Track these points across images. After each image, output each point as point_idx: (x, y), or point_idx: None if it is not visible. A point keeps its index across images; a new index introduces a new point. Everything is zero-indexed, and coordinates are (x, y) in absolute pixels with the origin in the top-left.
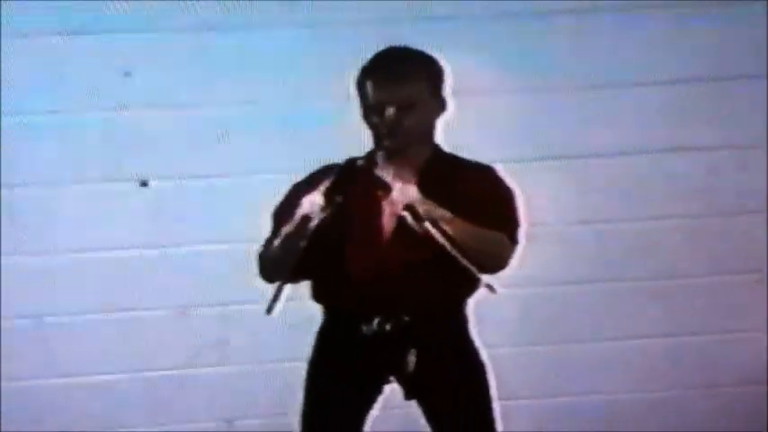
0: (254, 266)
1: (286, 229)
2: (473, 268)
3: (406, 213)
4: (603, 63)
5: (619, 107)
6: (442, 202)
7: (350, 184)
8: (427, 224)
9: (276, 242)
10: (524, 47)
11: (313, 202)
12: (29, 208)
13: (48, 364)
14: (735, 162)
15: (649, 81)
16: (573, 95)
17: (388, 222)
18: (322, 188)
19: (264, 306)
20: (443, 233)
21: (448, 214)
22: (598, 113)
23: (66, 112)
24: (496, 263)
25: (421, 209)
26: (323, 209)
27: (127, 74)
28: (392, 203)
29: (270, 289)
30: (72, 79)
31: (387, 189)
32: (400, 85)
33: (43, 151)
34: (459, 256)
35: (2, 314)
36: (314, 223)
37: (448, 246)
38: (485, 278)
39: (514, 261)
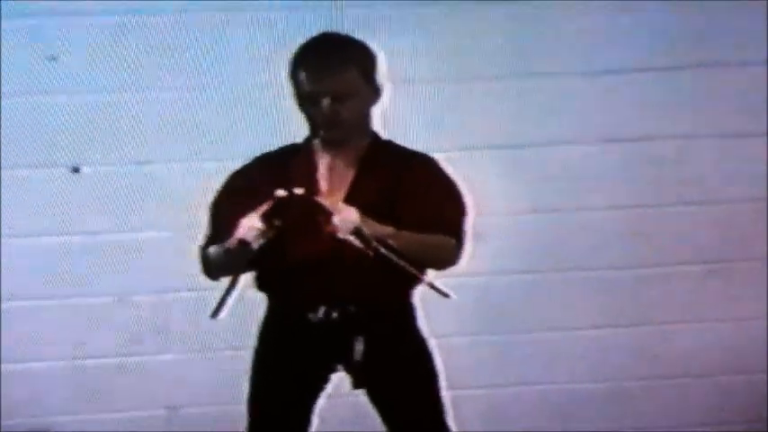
0: (193, 253)
1: (225, 246)
2: (423, 277)
3: (352, 237)
4: (548, 49)
5: (561, 94)
6: (382, 193)
7: (289, 208)
8: (375, 244)
9: (216, 253)
10: (465, 31)
11: (251, 227)
12: None
13: None
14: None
15: (591, 70)
16: (516, 82)
17: (329, 245)
18: (260, 212)
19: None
20: (390, 249)
21: (391, 230)
22: (540, 101)
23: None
24: (444, 265)
25: (367, 230)
26: (262, 234)
27: (52, 58)
28: (334, 229)
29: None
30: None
31: (327, 214)
32: (334, 76)
33: None
34: (407, 266)
35: None
36: (253, 247)
37: (395, 259)
38: (434, 280)
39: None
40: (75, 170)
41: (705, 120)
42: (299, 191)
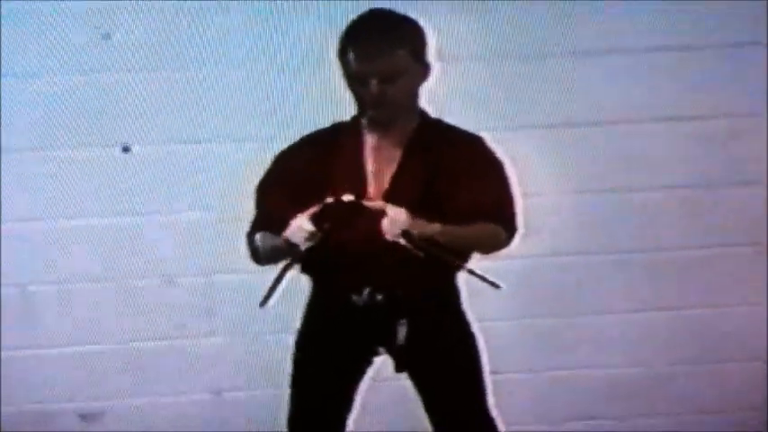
0: (240, 235)
1: (274, 243)
2: (473, 271)
3: (402, 240)
4: (596, 27)
5: (615, 73)
6: (429, 174)
7: (338, 211)
8: (424, 245)
9: (264, 245)
10: (515, 10)
11: (300, 228)
12: (10, 175)
13: (31, 334)
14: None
15: (647, 47)
16: (566, 62)
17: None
18: (309, 213)
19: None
20: (439, 247)
21: (438, 227)
22: (589, 80)
23: (45, 75)
24: (494, 252)
25: (415, 232)
26: (310, 236)
27: (106, 36)
28: (383, 231)
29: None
30: (52, 42)
31: (376, 218)
32: (383, 57)
33: (23, 116)
34: (456, 262)
35: None
36: (301, 249)
37: (447, 257)
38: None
39: None
40: (126, 150)
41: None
42: (348, 197)
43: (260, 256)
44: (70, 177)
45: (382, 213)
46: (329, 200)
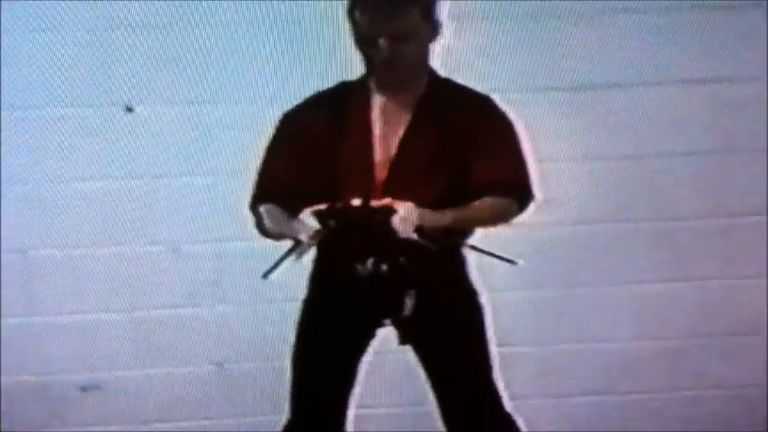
0: (246, 200)
1: (281, 230)
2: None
3: (415, 236)
4: None
5: (633, 34)
6: (438, 137)
7: (345, 210)
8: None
9: (271, 224)
10: None
11: (305, 225)
12: (11, 134)
13: (32, 301)
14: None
15: (667, 7)
16: (580, 22)
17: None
18: (315, 210)
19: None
20: (453, 235)
21: (449, 216)
22: (609, 42)
23: (50, 31)
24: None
25: (427, 226)
26: (315, 234)
27: None
28: (394, 230)
29: None
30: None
31: (386, 217)
32: (393, 17)
33: (26, 72)
34: (473, 248)
35: None
36: (306, 245)
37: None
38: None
39: None
40: (129, 109)
41: None
42: (355, 202)
43: (267, 233)
44: (72, 138)
45: (392, 211)
46: (338, 205)
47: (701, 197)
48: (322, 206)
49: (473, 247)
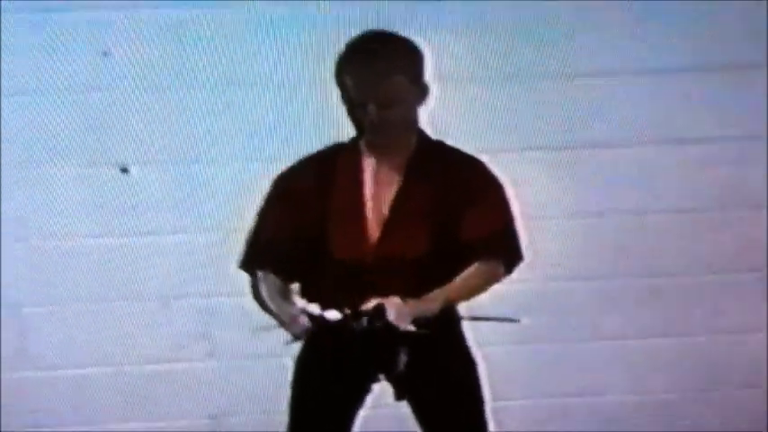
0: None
1: (276, 313)
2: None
3: (412, 327)
4: (597, 50)
5: (612, 96)
6: (428, 199)
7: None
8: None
9: (266, 302)
10: (514, 31)
11: (297, 323)
12: (5, 191)
13: (24, 356)
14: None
15: (643, 70)
16: (565, 84)
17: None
18: (307, 310)
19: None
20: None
21: (441, 298)
22: (591, 103)
23: (45, 92)
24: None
25: (423, 315)
26: (306, 331)
27: (105, 53)
28: (392, 327)
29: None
30: (50, 58)
31: (381, 319)
32: (380, 84)
33: (21, 132)
34: (468, 318)
35: None
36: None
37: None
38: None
39: None
40: (124, 170)
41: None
42: (343, 313)
43: (261, 304)
44: (67, 196)
45: (383, 310)
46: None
47: (690, 254)
48: (315, 310)
49: (472, 318)
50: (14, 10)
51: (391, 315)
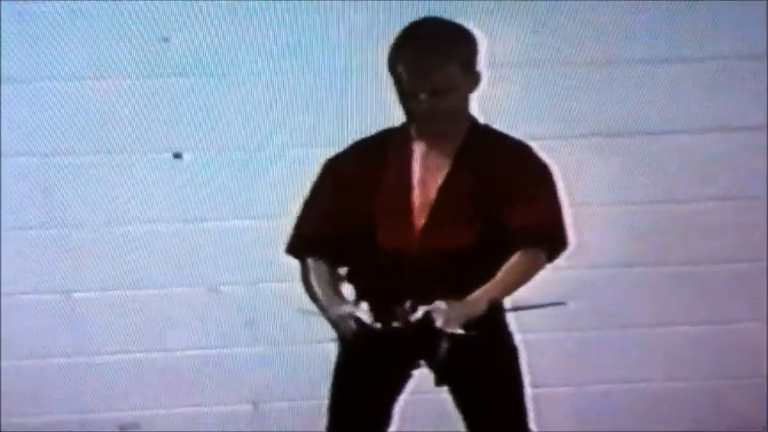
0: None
1: (325, 306)
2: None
3: (461, 331)
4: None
5: (666, 83)
6: (477, 184)
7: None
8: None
9: (316, 290)
10: (565, 19)
11: (347, 320)
12: (60, 179)
13: (74, 342)
14: None
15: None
16: (622, 69)
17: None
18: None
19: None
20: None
21: (485, 297)
22: (647, 89)
23: (100, 78)
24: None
25: (469, 317)
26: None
27: (165, 39)
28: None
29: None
30: (108, 44)
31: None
32: (433, 73)
33: (76, 119)
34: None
35: (31, 289)
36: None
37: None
38: None
39: None
40: (177, 156)
41: None
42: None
43: (310, 293)
44: (119, 182)
45: (431, 319)
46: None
47: (735, 241)
48: (364, 317)
49: (516, 308)
50: None
51: (439, 322)
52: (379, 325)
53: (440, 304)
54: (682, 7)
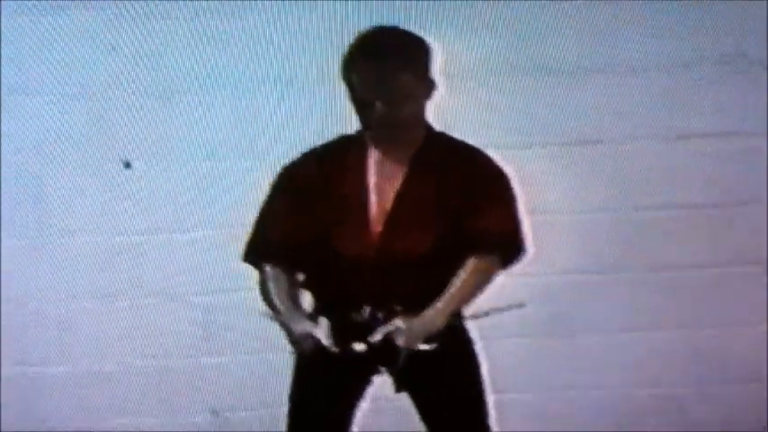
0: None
1: (285, 319)
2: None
3: (426, 346)
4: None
5: (627, 91)
6: (433, 192)
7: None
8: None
9: (272, 300)
10: (520, 28)
11: (307, 344)
12: (12, 189)
13: (30, 353)
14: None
15: (653, 65)
16: (577, 78)
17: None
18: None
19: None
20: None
21: (442, 311)
22: (604, 98)
23: (49, 89)
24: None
25: (430, 331)
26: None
27: (112, 48)
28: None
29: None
30: (56, 55)
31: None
32: (387, 82)
33: (24, 133)
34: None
35: None
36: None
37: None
38: None
39: None
40: (128, 165)
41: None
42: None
43: (269, 302)
44: (71, 193)
45: (391, 341)
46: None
47: (694, 248)
48: (323, 338)
49: (475, 316)
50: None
51: (400, 341)
52: (336, 350)
53: (399, 323)
54: (640, 15)
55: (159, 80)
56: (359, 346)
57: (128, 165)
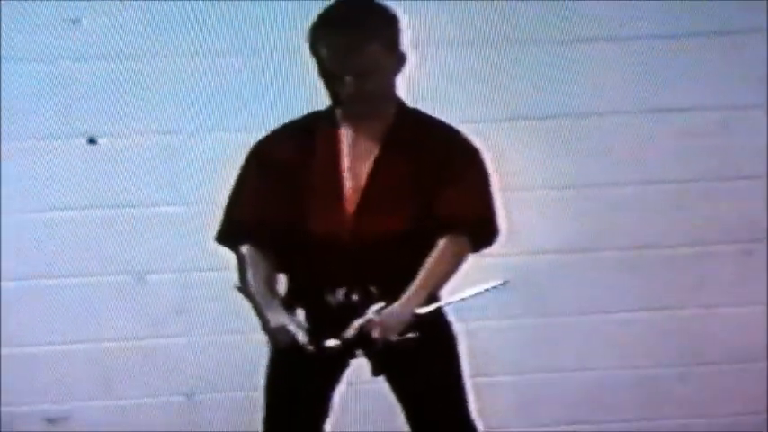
0: (212, 230)
1: (262, 307)
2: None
3: (401, 337)
4: (581, 16)
5: (597, 63)
6: (406, 169)
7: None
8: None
9: (248, 280)
10: None
11: (284, 332)
12: None
13: None
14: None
15: (631, 36)
16: (548, 51)
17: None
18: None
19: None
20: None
21: (415, 296)
22: (580, 70)
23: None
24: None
25: (407, 320)
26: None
27: (75, 21)
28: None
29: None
30: (17, 27)
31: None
32: (355, 54)
33: None
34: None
35: None
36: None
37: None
38: None
39: None
40: (92, 141)
41: (750, 90)
42: (330, 343)
43: (244, 284)
44: (36, 168)
45: (367, 335)
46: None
47: (673, 225)
48: (299, 334)
49: (454, 301)
50: None
51: (376, 333)
52: (312, 348)
53: (372, 316)
54: None
55: (122, 51)
56: (333, 343)
57: (93, 141)
